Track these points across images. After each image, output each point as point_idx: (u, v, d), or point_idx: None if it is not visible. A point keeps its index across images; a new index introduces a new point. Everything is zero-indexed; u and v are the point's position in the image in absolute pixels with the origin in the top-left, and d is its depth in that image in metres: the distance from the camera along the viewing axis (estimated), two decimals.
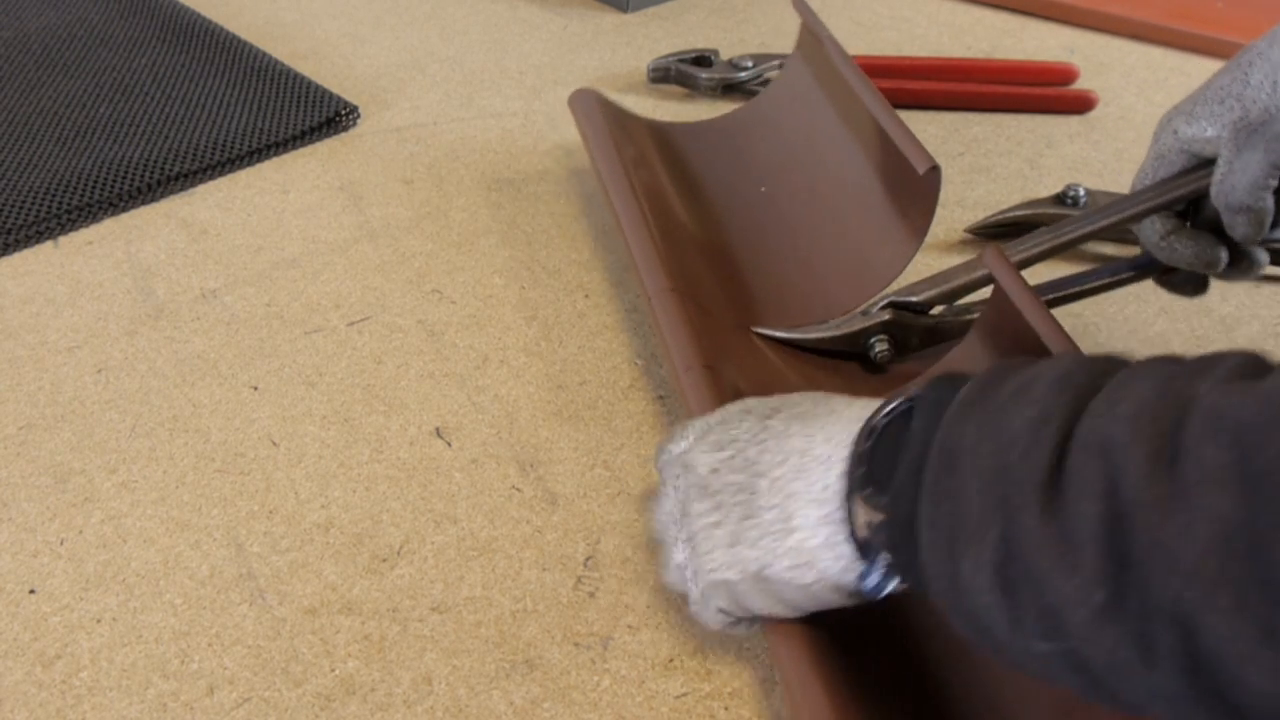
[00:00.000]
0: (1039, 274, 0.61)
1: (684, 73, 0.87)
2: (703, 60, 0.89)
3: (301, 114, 0.80)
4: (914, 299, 0.57)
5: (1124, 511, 0.27)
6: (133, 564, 0.48)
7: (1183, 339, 0.64)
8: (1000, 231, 0.71)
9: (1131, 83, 0.92)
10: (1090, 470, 0.28)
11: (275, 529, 0.50)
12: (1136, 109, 0.88)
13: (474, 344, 0.61)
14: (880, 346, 0.57)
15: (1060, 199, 0.72)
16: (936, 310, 0.58)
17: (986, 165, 0.80)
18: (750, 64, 0.88)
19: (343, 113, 0.81)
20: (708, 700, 0.44)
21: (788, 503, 0.37)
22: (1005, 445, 0.30)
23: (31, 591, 0.47)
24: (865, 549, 0.36)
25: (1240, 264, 0.55)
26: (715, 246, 0.65)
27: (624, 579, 0.48)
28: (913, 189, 0.58)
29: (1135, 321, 0.65)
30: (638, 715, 0.43)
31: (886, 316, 0.57)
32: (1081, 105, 0.86)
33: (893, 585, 0.36)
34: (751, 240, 0.66)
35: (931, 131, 0.84)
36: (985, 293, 0.57)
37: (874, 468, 0.35)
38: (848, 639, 0.41)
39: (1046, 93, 0.87)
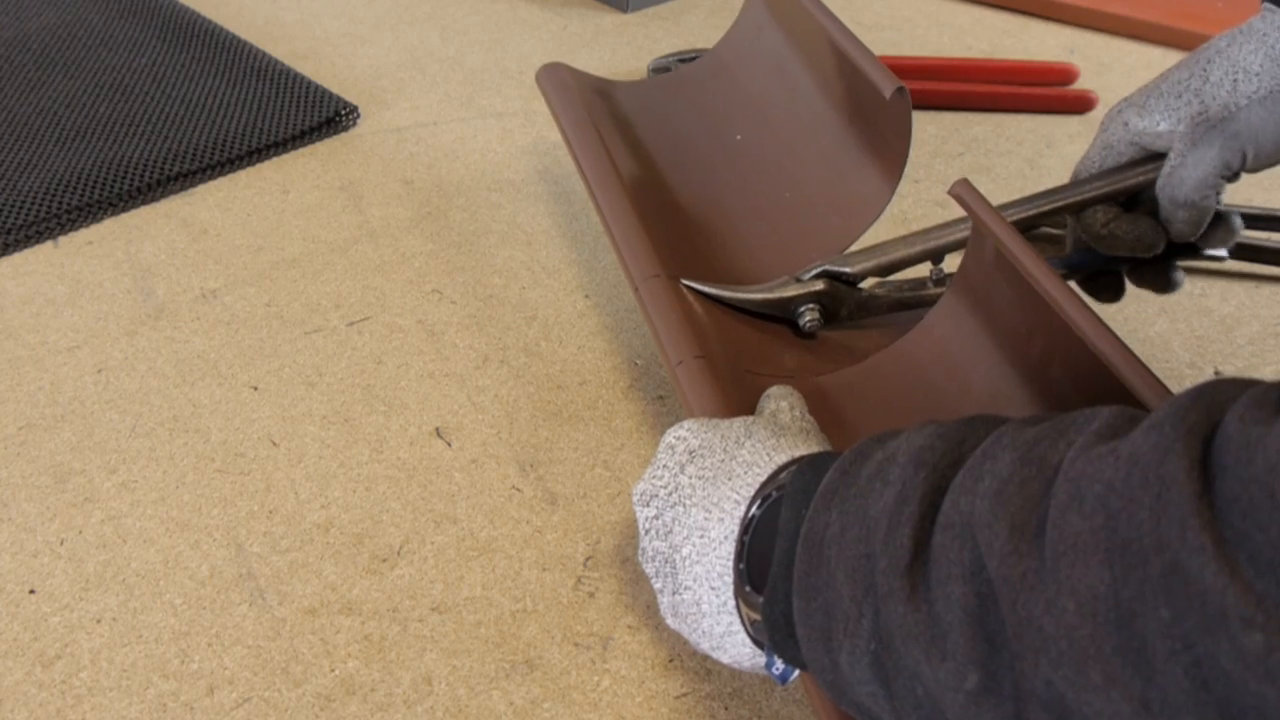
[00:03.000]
0: None
1: None
2: None
3: (301, 114, 0.80)
4: (848, 270, 0.55)
5: (990, 591, 0.26)
6: (133, 564, 0.48)
7: (1183, 339, 0.64)
8: None
9: (1131, 83, 0.92)
10: (954, 550, 0.27)
11: (275, 529, 0.50)
12: None
13: (474, 344, 0.61)
14: (809, 315, 0.55)
15: None
16: (869, 284, 0.57)
17: (987, 165, 0.80)
18: None
19: (343, 113, 0.81)
20: (708, 700, 0.44)
21: (696, 586, 0.37)
22: (868, 531, 0.29)
23: (31, 591, 0.47)
24: (758, 641, 0.36)
25: (1159, 280, 0.56)
26: (691, 207, 0.63)
27: (624, 579, 0.48)
28: (885, 115, 0.56)
29: (1135, 322, 0.65)
30: (638, 715, 0.43)
31: (819, 286, 0.55)
32: (1081, 105, 0.86)
33: (795, 674, 0.35)
34: (729, 193, 0.64)
35: (931, 131, 0.84)
36: (921, 269, 0.56)
37: (750, 565, 0.35)
38: None
39: (1046, 93, 0.87)
